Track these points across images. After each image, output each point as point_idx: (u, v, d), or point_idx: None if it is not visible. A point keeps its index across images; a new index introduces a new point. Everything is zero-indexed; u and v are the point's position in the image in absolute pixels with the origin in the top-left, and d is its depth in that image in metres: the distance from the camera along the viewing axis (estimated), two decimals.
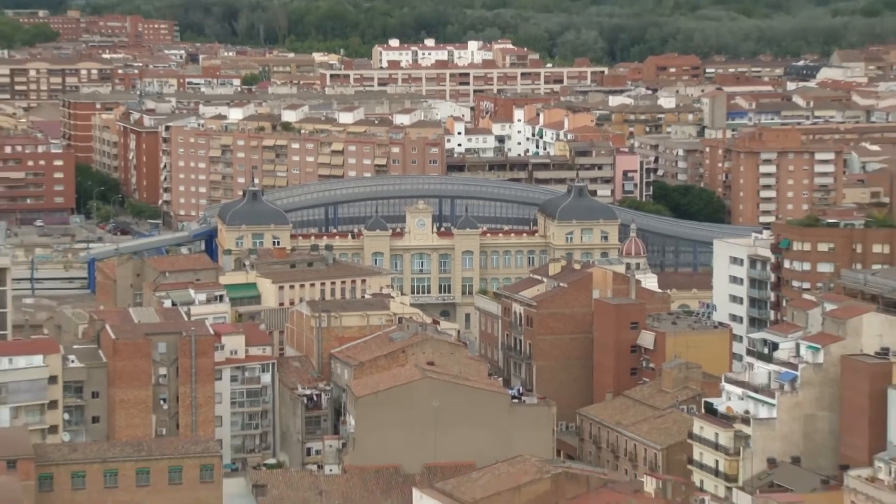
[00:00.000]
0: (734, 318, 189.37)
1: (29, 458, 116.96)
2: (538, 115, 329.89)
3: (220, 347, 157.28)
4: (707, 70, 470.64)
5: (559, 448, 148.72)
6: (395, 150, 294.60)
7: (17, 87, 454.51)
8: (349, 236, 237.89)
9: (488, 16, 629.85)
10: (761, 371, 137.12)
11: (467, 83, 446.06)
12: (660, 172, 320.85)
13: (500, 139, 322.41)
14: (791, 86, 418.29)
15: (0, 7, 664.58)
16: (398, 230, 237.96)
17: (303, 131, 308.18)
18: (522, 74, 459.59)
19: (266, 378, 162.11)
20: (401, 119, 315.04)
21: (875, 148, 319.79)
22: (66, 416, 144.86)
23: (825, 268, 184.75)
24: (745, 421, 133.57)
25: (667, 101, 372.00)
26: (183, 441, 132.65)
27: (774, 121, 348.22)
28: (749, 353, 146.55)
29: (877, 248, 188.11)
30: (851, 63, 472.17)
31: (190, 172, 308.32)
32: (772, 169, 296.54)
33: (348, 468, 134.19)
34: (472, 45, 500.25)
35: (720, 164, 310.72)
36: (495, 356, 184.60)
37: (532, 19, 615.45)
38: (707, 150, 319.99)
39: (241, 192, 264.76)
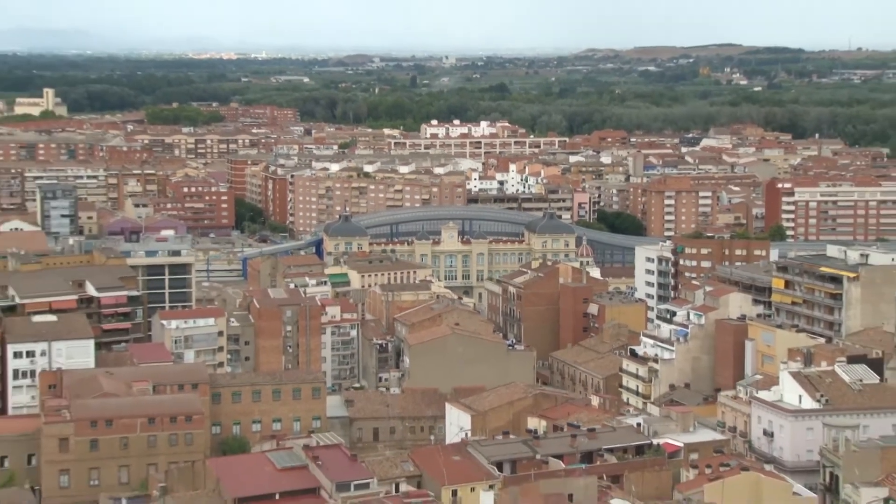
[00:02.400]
0: (648, 295, 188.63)
1: (205, 383, 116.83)
2: (525, 167, 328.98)
3: (325, 314, 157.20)
4: (631, 139, 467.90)
5: (538, 377, 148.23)
6: (435, 189, 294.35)
7: (199, 151, 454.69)
8: (406, 244, 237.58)
9: (493, 105, 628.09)
10: (665, 329, 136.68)
11: (480, 147, 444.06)
12: (601, 204, 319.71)
13: (501, 183, 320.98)
14: (684, 150, 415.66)
15: (189, 101, 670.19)
16: (437, 240, 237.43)
17: (376, 177, 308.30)
18: (514, 142, 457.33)
19: (353, 333, 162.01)
20: (438, 170, 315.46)
21: (737, 189, 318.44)
22: (228, 357, 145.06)
23: (706, 264, 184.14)
24: (655, 360, 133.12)
25: (606, 159, 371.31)
26: (301, 372, 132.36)
27: (673, 172, 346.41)
28: (658, 318, 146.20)
29: (738, 252, 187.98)
30: (722, 136, 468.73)
31: (306, 203, 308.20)
32: (672, 202, 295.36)
33: (405, 390, 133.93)
34: (483, 123, 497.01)
35: (640, 199, 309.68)
36: (498, 320, 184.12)
37: (521, 107, 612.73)
38: (631, 189, 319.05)
39: (338, 216, 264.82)
